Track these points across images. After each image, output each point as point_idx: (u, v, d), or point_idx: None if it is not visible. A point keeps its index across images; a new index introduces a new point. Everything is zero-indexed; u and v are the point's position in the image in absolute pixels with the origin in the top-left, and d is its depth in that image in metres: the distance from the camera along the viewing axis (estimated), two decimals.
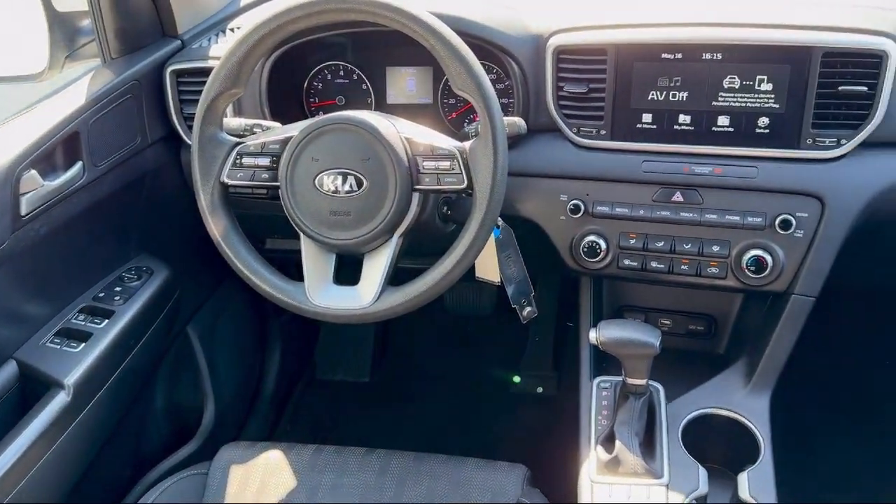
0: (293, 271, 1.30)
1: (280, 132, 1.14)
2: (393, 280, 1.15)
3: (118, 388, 1.36)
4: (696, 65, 1.20)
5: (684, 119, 1.23)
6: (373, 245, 1.11)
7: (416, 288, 1.10)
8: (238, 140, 1.15)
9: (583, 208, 1.30)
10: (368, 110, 1.16)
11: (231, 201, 1.18)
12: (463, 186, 1.08)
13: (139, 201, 1.49)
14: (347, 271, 1.17)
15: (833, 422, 1.94)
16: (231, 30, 1.51)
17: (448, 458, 1.23)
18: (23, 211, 1.18)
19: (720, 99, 1.20)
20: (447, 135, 1.14)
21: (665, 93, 1.23)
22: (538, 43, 1.28)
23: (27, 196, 1.19)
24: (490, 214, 1.07)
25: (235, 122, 1.22)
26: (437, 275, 1.09)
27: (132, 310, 1.38)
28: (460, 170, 1.08)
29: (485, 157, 1.06)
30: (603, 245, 1.31)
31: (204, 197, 1.14)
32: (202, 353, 1.73)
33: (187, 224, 1.39)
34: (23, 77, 1.44)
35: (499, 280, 1.36)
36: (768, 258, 1.22)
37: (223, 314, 1.84)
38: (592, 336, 1.17)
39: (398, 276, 1.15)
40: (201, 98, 1.13)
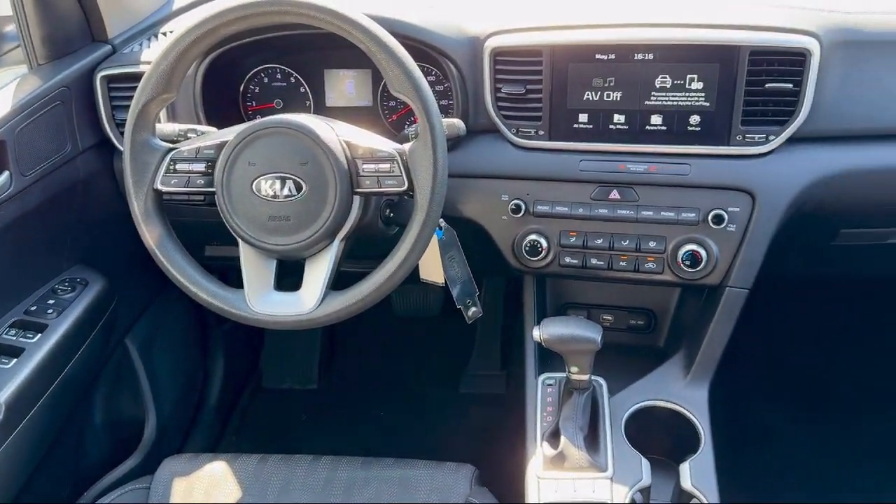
0: (235, 278, 1.28)
1: (215, 137, 1.13)
2: (336, 284, 1.14)
3: (53, 404, 1.32)
4: (629, 65, 1.22)
5: (619, 118, 1.26)
6: (314, 250, 1.10)
7: (359, 292, 1.10)
8: (172, 146, 1.13)
9: (523, 208, 1.32)
10: (307, 113, 1.15)
11: (166, 208, 1.15)
12: (404, 189, 1.08)
13: (71, 211, 1.45)
14: (292, 277, 1.16)
15: (774, 410, 2.00)
16: (164, 34, 1.48)
17: (396, 461, 1.23)
18: None
19: (653, 98, 1.23)
20: (387, 137, 1.13)
21: (600, 93, 1.25)
22: (475, 45, 1.28)
23: None
24: (431, 216, 1.07)
25: (169, 128, 1.20)
26: (380, 278, 1.09)
27: (66, 323, 1.34)
28: (400, 172, 1.08)
29: (424, 159, 1.06)
30: (544, 244, 1.32)
31: (137, 205, 1.12)
32: (142, 365, 1.69)
33: (123, 233, 1.36)
34: None
35: (443, 281, 1.37)
36: (703, 252, 1.26)
37: (163, 324, 1.80)
38: (535, 334, 1.18)
39: (341, 281, 1.15)
40: (132, 103, 1.10)
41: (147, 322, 1.74)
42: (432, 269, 1.36)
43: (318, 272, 1.11)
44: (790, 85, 1.18)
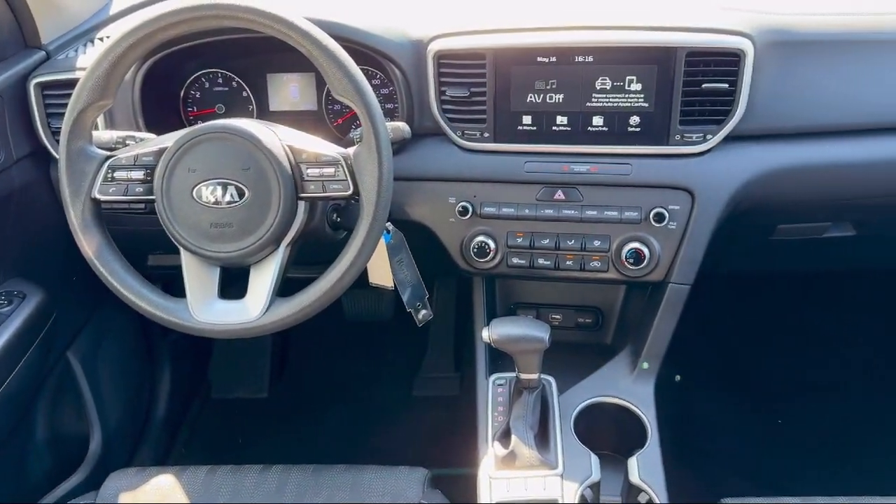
0: (180, 288, 1.26)
1: (154, 143, 1.11)
2: (283, 291, 1.13)
3: None
4: (570, 67, 1.24)
5: (561, 120, 1.27)
6: (258, 256, 1.09)
7: (306, 298, 1.09)
8: (109, 154, 1.11)
9: (471, 210, 1.33)
10: (250, 118, 1.14)
11: (106, 218, 1.13)
12: (349, 193, 1.08)
13: (7, 222, 1.40)
14: (238, 285, 1.14)
15: (719, 402, 2.04)
16: (100, 39, 1.45)
17: (348, 468, 1.22)
18: None
19: (594, 100, 1.25)
20: (333, 141, 1.13)
21: (542, 95, 1.26)
22: (419, 48, 1.29)
23: None
24: (378, 220, 1.07)
25: (107, 135, 1.18)
26: (327, 284, 1.08)
27: (2, 337, 1.30)
28: (345, 176, 1.07)
29: (369, 163, 1.06)
30: (492, 245, 1.33)
31: (74, 214, 1.09)
32: (85, 379, 1.65)
33: (61, 244, 1.32)
34: None
35: (392, 285, 1.37)
36: (645, 250, 1.28)
37: (106, 336, 1.76)
38: (485, 334, 1.19)
39: (289, 287, 1.14)
40: (67, 111, 1.08)
41: (89, 335, 1.70)
42: (381, 273, 1.36)
43: (264, 279, 1.10)
44: (726, 85, 1.21)
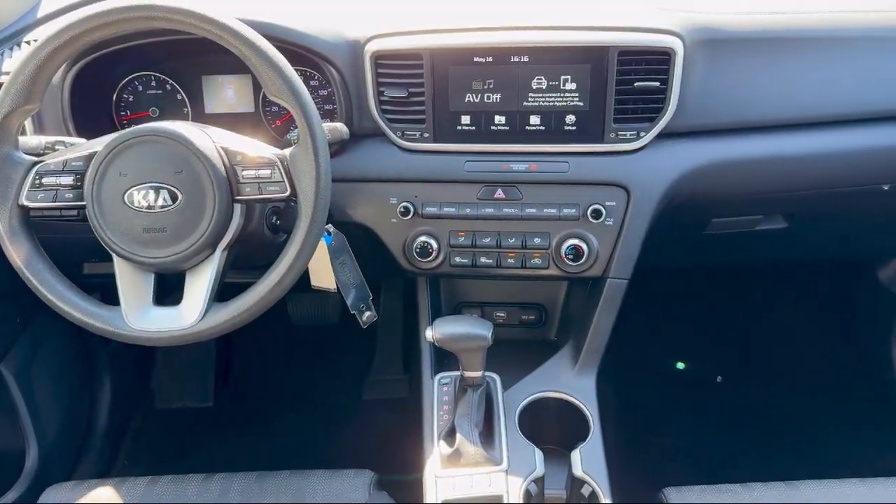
0: (117, 296, 1.23)
1: (84, 148, 1.08)
2: (223, 296, 1.11)
3: None
4: (507, 67, 1.25)
5: (500, 119, 1.28)
6: (194, 261, 1.07)
7: (244, 302, 1.08)
8: (37, 159, 1.08)
9: (412, 210, 1.33)
10: (183, 121, 1.12)
11: (38, 225, 1.10)
12: (287, 194, 1.07)
13: None
14: (177, 291, 1.12)
15: (661, 393, 2.08)
16: (27, 42, 1.41)
17: (292, 473, 1.21)
18: None
19: (530, 99, 1.27)
20: (272, 144, 1.12)
21: (480, 95, 1.27)
22: (356, 48, 1.28)
23: None
24: (316, 221, 1.06)
25: (34, 141, 1.15)
26: (265, 287, 1.07)
27: None
28: (282, 177, 1.06)
29: (306, 164, 1.05)
30: (434, 245, 1.34)
31: (1, 222, 1.06)
32: (19, 392, 1.60)
33: None
34: None
35: (335, 287, 1.36)
36: (584, 246, 1.30)
37: (41, 348, 1.70)
38: (428, 334, 1.19)
39: (230, 292, 1.12)
40: None
41: (24, 346, 1.64)
42: (323, 276, 1.35)
43: (200, 284, 1.08)
44: (657, 83, 1.24)
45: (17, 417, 1.61)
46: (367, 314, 1.37)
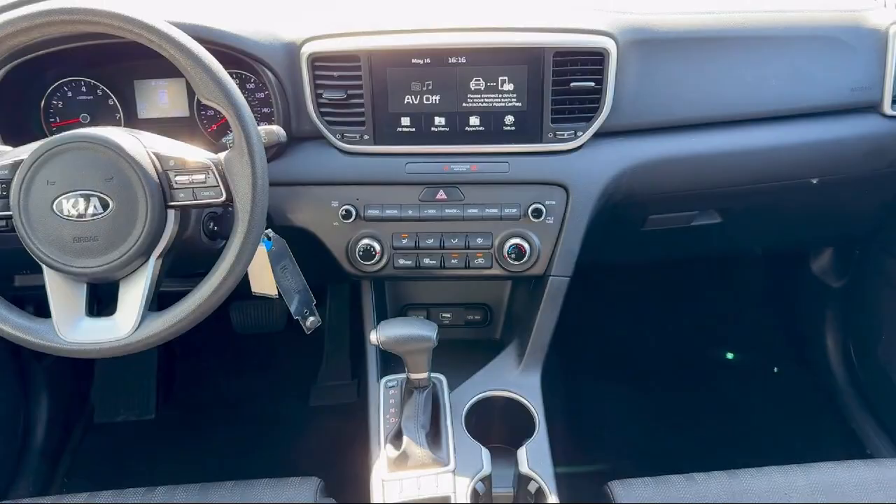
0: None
1: (9, 156, 1.05)
2: (162, 305, 1.09)
3: None
4: (445, 68, 1.26)
5: (440, 121, 1.29)
6: (127, 270, 1.05)
7: (180, 311, 1.05)
8: None
9: (354, 213, 1.32)
10: (115, 126, 1.09)
11: None
12: (222, 199, 1.05)
13: None
14: (112, 301, 1.09)
15: (605, 389, 2.11)
16: None
17: (237, 484, 1.19)
18: None
19: (469, 100, 1.27)
20: (208, 148, 1.10)
21: (419, 96, 1.27)
22: (291, 50, 1.27)
23: None
24: (254, 226, 1.05)
25: None
26: (202, 296, 1.05)
27: None
28: (217, 182, 1.05)
29: (242, 168, 1.04)
30: (377, 247, 1.33)
31: None
32: None
33: None
34: None
35: (276, 293, 1.34)
36: (526, 245, 1.32)
37: None
38: (372, 337, 1.18)
39: (168, 301, 1.09)
40: None
41: None
42: (264, 282, 1.33)
43: (134, 294, 1.06)
44: (592, 83, 1.26)
45: None
46: (311, 319, 1.36)
